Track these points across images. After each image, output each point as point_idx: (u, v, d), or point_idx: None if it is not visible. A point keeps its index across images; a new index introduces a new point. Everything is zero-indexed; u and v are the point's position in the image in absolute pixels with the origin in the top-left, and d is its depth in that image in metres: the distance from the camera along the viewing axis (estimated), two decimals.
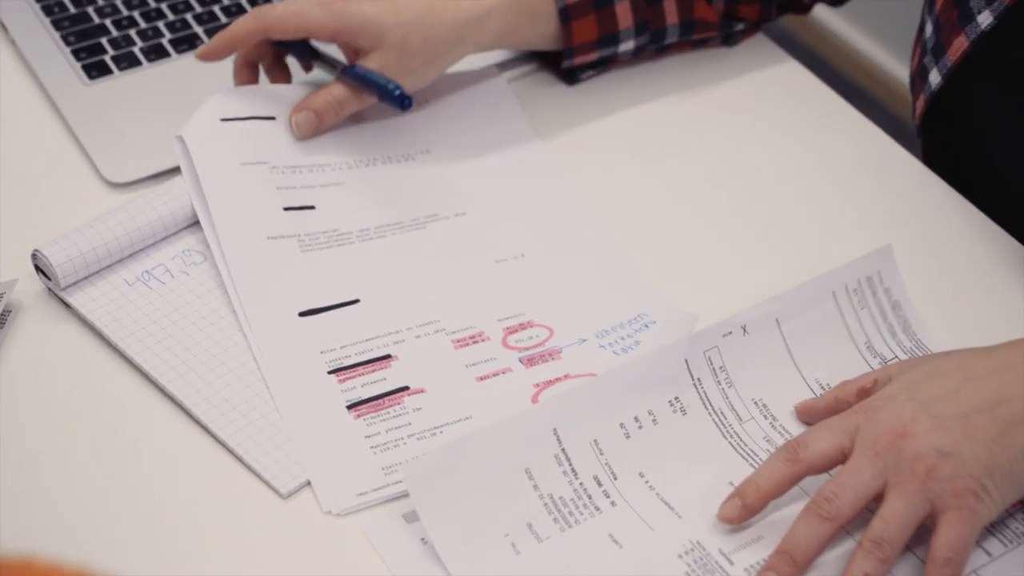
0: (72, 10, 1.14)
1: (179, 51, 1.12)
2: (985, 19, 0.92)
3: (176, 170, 0.99)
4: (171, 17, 1.14)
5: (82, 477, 0.83)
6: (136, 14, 1.14)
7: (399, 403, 0.85)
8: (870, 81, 2.20)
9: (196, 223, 0.96)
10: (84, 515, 0.81)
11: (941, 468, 0.74)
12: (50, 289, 0.92)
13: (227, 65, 1.08)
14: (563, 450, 0.80)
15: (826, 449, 0.77)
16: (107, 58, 1.10)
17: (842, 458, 0.77)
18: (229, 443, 0.84)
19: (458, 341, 0.88)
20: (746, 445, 0.83)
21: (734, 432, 0.83)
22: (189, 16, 1.14)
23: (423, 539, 0.78)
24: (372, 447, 0.82)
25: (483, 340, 0.89)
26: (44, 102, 1.07)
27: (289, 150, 0.98)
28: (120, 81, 1.09)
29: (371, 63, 0.97)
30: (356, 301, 0.90)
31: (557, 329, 0.89)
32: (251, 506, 0.81)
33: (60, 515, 0.81)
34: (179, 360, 0.88)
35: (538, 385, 0.86)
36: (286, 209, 0.95)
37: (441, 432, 0.83)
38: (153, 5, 1.14)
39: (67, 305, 0.92)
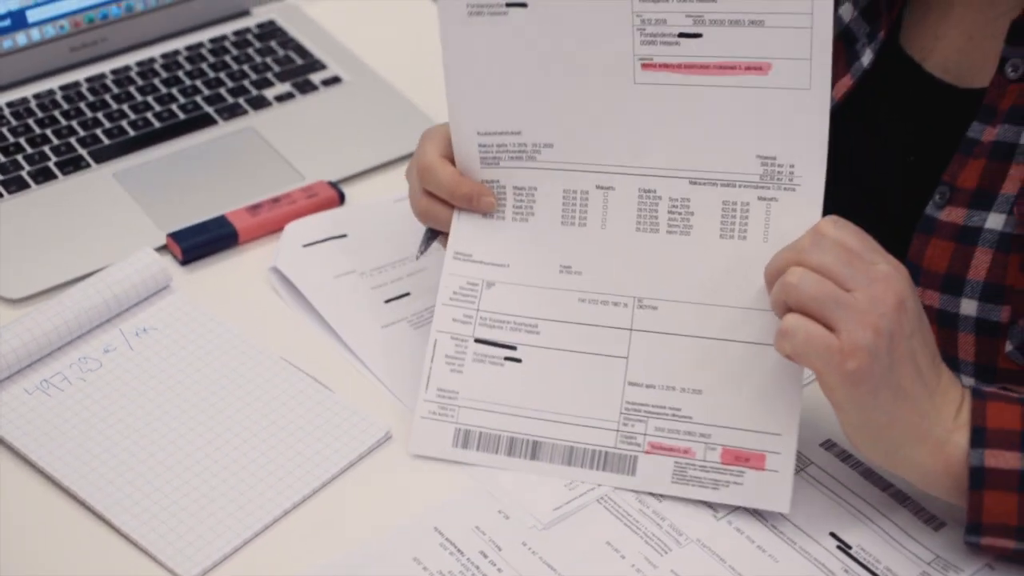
0: None
1: (65, 173, 1.13)
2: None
3: (69, 283, 1.01)
4: (56, 141, 1.16)
5: None
6: (22, 140, 1.15)
7: None
8: None
9: (90, 332, 0.98)
10: None
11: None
12: None
13: (110, 187, 1.11)
14: (447, 539, 0.85)
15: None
16: None
17: None
18: (133, 536, 0.85)
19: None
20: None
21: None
22: (73, 140, 1.16)
23: None
24: None
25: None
26: None
27: (367, 257, 1.05)
28: (10, 203, 1.10)
29: None
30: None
31: None
32: None
33: None
34: (81, 461, 0.89)
35: None
36: (387, 301, 1.02)
37: None
38: (38, 131, 1.16)
39: None
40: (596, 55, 0.88)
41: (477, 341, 0.91)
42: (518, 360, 0.91)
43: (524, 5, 0.88)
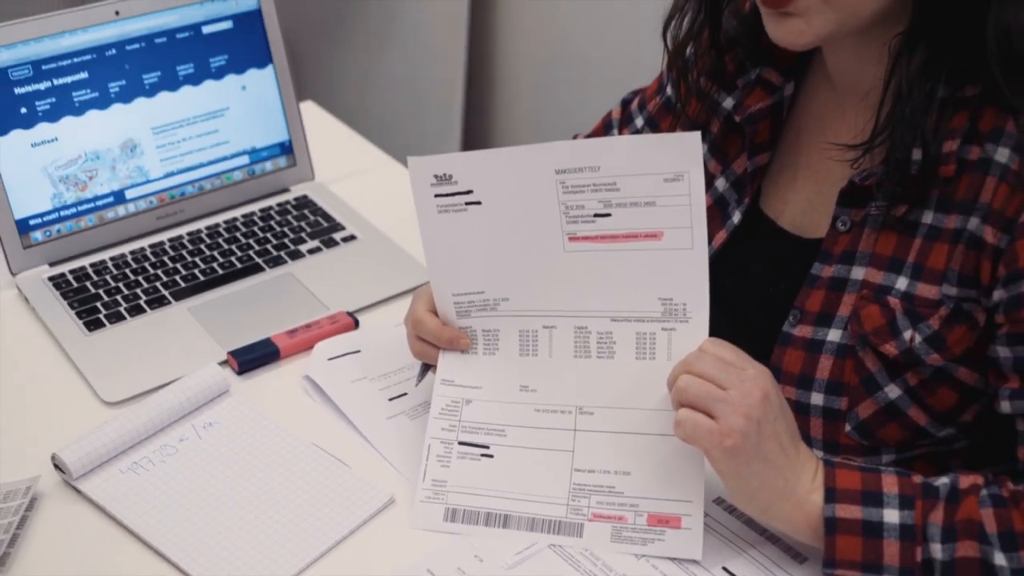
0: (74, 284, 1.20)
1: (152, 308, 1.17)
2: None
3: (153, 390, 1.06)
4: (145, 285, 1.20)
5: None
6: (121, 284, 1.20)
7: None
8: None
9: (169, 425, 1.02)
10: None
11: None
12: (65, 480, 0.97)
13: (185, 318, 1.14)
14: None
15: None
16: (101, 316, 1.16)
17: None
18: None
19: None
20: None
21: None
22: (158, 284, 1.20)
23: None
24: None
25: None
26: (57, 350, 1.13)
27: (376, 366, 1.09)
28: (111, 331, 1.15)
29: None
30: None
31: None
32: None
33: None
34: (162, 524, 0.94)
35: None
36: (390, 399, 1.06)
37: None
38: (132, 278, 1.21)
39: (78, 491, 0.97)
40: (535, 233, 0.93)
41: (460, 443, 0.96)
42: (491, 456, 0.95)
43: (480, 203, 0.93)
